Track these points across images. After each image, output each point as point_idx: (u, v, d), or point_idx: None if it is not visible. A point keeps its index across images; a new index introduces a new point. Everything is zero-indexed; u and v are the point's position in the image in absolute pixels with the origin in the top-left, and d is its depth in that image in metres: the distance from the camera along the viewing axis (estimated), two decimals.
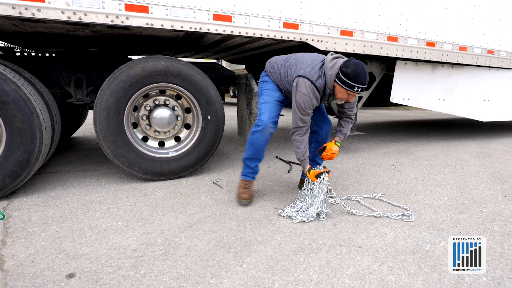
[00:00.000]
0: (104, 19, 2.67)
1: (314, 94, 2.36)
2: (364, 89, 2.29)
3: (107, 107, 2.87)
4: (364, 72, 2.24)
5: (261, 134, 2.54)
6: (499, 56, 5.11)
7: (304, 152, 2.52)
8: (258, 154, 2.64)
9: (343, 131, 2.70)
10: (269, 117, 2.54)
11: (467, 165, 4.05)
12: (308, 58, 2.47)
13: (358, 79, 2.22)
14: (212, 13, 3.01)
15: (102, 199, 2.68)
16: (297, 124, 2.46)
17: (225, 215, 2.41)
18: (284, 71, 2.55)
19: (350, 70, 2.22)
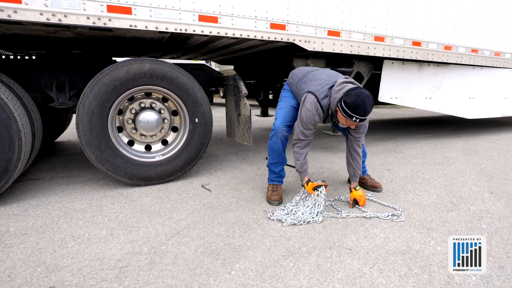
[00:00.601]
0: (86, 20, 2.60)
1: (318, 111, 2.43)
2: (363, 120, 2.31)
3: (90, 111, 2.79)
4: (364, 104, 2.24)
5: (276, 138, 2.69)
6: (483, 55, 5.17)
7: (302, 164, 2.61)
8: (279, 158, 2.76)
9: (356, 174, 2.75)
10: (282, 121, 2.69)
11: (454, 162, 4.08)
12: (324, 76, 2.54)
13: (356, 110, 2.24)
14: (197, 14, 2.96)
15: (86, 206, 2.60)
16: (299, 136, 2.55)
17: (214, 220, 2.36)
18: (300, 85, 2.64)
19: (350, 100, 2.25)
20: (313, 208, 2.46)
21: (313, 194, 2.53)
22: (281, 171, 2.82)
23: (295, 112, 2.76)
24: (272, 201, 2.68)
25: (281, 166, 2.81)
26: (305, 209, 2.46)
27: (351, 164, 2.74)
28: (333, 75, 2.57)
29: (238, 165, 3.84)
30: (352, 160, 2.72)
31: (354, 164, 2.72)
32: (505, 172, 3.68)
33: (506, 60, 5.59)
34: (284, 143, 2.74)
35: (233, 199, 2.78)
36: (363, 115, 2.27)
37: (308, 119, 2.45)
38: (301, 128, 2.51)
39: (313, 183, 2.57)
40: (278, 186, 2.82)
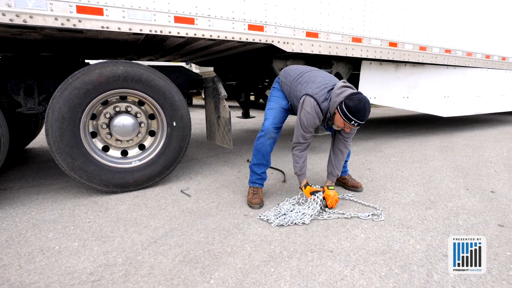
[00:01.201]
0: (53, 22, 2.48)
1: (318, 114, 2.43)
2: (360, 124, 2.34)
3: (60, 116, 2.67)
4: (365, 109, 2.29)
5: (265, 139, 2.67)
6: (456, 55, 5.30)
7: (302, 167, 2.61)
8: (264, 159, 2.74)
9: (334, 173, 2.74)
10: (271, 122, 2.67)
11: (431, 160, 4.15)
12: (321, 79, 2.54)
13: (357, 114, 2.28)
14: (173, 15, 2.88)
15: (57, 217, 2.48)
16: (298, 140, 2.55)
17: (193, 227, 2.29)
18: (295, 86, 2.61)
19: (352, 104, 2.28)
20: (307, 211, 2.46)
21: (310, 198, 2.54)
22: (263, 173, 2.79)
23: (284, 114, 2.75)
24: (253, 204, 2.64)
25: (264, 168, 2.78)
26: (299, 208, 2.50)
27: (332, 162, 2.73)
28: (330, 78, 2.59)
29: (219, 168, 3.78)
30: (334, 158, 2.72)
31: (334, 163, 2.72)
32: (479, 168, 3.76)
33: (477, 60, 5.75)
34: (272, 145, 2.72)
35: (213, 204, 2.71)
36: (361, 120, 2.31)
37: (308, 122, 2.45)
38: (301, 131, 2.51)
39: (311, 188, 2.59)
40: (259, 189, 2.77)
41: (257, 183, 2.78)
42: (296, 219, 2.36)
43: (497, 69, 6.31)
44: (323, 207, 2.56)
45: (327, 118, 2.51)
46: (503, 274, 1.74)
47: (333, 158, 2.73)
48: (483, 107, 6.51)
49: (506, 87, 6.80)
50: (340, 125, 2.42)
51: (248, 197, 2.72)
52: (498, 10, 5.93)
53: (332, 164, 2.73)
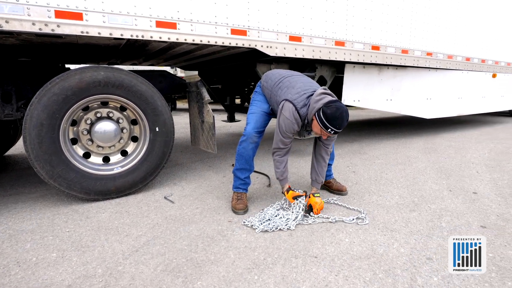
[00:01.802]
0: (31, 27, 2.42)
1: (296, 120, 2.43)
2: (337, 132, 2.36)
3: (39, 123, 2.60)
4: (342, 118, 2.29)
5: (247, 144, 2.66)
6: (437, 58, 5.40)
7: (283, 172, 2.61)
8: (247, 164, 2.72)
9: (318, 180, 2.73)
10: (253, 127, 2.66)
11: (415, 161, 4.20)
12: (301, 84, 2.53)
13: (334, 122, 2.28)
14: (155, 20, 2.85)
15: (36, 227, 2.41)
16: (278, 145, 2.55)
17: (176, 234, 2.26)
18: (276, 90, 2.60)
19: (329, 112, 2.28)
20: (291, 216, 2.46)
21: (293, 203, 2.53)
22: (247, 178, 2.77)
23: (266, 118, 2.74)
24: (238, 210, 2.61)
25: (247, 173, 2.76)
26: (283, 213, 2.51)
27: (315, 169, 2.73)
28: (310, 83, 2.58)
29: (203, 174, 3.74)
30: (317, 165, 2.71)
31: (318, 170, 2.71)
32: (461, 169, 3.82)
33: (458, 63, 5.87)
34: (254, 149, 2.70)
35: (197, 210, 2.68)
36: (338, 128, 2.31)
37: (287, 128, 2.44)
38: (280, 137, 2.50)
39: (293, 192, 2.57)
40: (243, 194, 2.75)
41: (241, 188, 2.76)
42: (280, 224, 2.35)
43: (477, 71, 6.46)
44: (306, 212, 2.55)
45: (306, 124, 2.51)
46: (485, 277, 1.76)
47: (316, 165, 2.73)
48: (465, 108, 6.65)
49: (486, 89, 6.97)
50: (318, 132, 2.43)
51: (232, 203, 2.70)
52: (477, 14, 6.07)
53: (316, 171, 2.72)
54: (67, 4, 2.51)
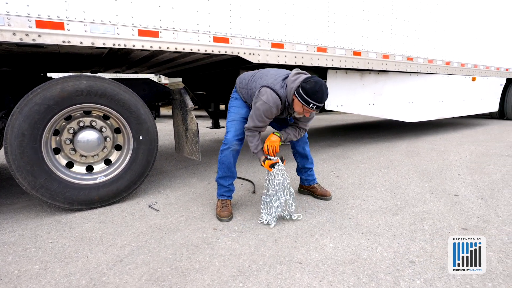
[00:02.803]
0: (11, 37, 2.40)
1: (276, 103, 2.43)
2: (319, 107, 2.34)
3: (20, 133, 2.56)
4: (322, 91, 2.29)
5: (228, 152, 2.68)
6: (417, 63, 5.53)
7: (257, 145, 2.62)
8: (229, 171, 2.74)
9: (287, 131, 2.72)
10: (234, 134, 2.68)
11: (398, 165, 4.28)
12: (273, 72, 2.60)
13: (314, 96, 2.29)
14: (137, 28, 2.86)
15: (18, 238, 2.37)
16: (250, 127, 2.58)
17: (160, 243, 2.25)
18: (251, 84, 2.66)
19: (308, 86, 2.29)
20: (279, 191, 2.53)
21: (271, 172, 2.54)
22: (231, 185, 2.79)
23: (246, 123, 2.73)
24: (222, 217, 2.62)
25: (231, 180, 2.78)
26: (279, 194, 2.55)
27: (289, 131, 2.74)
28: (282, 70, 2.63)
29: (188, 181, 3.74)
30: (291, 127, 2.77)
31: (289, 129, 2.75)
32: (443, 172, 3.92)
33: (438, 67, 6.02)
34: (235, 156, 2.72)
35: (181, 218, 2.68)
36: (320, 102, 2.31)
37: (264, 112, 2.45)
38: (255, 121, 2.52)
39: (269, 161, 2.57)
40: (228, 201, 2.76)
41: (225, 195, 2.77)
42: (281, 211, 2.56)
43: (457, 75, 6.63)
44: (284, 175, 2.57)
45: (286, 106, 2.53)
46: (466, 278, 1.81)
47: (290, 127, 2.77)
48: (446, 111, 6.81)
49: (466, 92, 7.16)
50: (300, 111, 2.44)
51: (217, 210, 2.70)
52: (456, 19, 6.25)
53: (289, 128, 2.75)
54: (48, 14, 2.50)
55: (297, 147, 3.01)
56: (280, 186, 2.54)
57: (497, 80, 8.03)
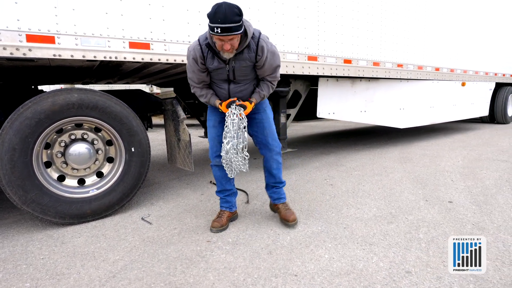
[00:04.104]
0: (2, 51, 2.40)
1: (193, 48, 2.32)
2: (225, 29, 2.04)
3: (11, 148, 2.54)
4: (223, 10, 2.02)
5: (214, 167, 2.71)
6: (408, 69, 5.60)
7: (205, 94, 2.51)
8: (222, 185, 2.73)
9: (260, 93, 2.52)
10: (212, 152, 2.66)
11: (391, 171, 4.30)
12: None
13: (214, 18, 2.03)
14: (128, 41, 2.86)
15: (8, 255, 2.33)
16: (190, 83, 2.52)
17: (154, 257, 2.23)
18: None
19: (209, 11, 2.07)
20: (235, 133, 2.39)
21: (227, 112, 2.40)
22: (229, 196, 2.76)
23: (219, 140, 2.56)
24: (211, 227, 2.61)
25: (226, 193, 2.76)
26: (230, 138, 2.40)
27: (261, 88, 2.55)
28: None
29: (181, 192, 3.71)
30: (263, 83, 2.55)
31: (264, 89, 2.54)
32: (436, 178, 3.94)
33: (428, 73, 6.11)
34: (223, 171, 2.61)
35: (175, 231, 2.65)
36: (222, 22, 2.02)
37: (188, 62, 2.39)
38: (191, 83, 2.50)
39: (225, 102, 2.44)
40: (224, 212, 2.72)
41: (224, 206, 2.76)
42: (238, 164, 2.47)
43: (447, 80, 6.72)
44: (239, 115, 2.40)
45: (214, 51, 2.30)
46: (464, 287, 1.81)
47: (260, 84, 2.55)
48: (437, 117, 6.89)
49: (457, 97, 7.25)
50: (219, 45, 2.16)
51: (212, 219, 2.71)
52: (445, 25, 6.35)
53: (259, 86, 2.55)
54: (38, 28, 2.50)
55: (265, 162, 2.73)
56: (234, 126, 2.37)
57: (487, 85, 8.16)
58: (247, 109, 2.44)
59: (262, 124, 2.64)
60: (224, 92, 2.50)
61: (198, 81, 2.46)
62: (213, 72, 2.42)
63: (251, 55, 2.33)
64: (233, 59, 2.33)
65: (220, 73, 2.41)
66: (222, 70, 2.39)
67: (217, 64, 2.35)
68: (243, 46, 2.25)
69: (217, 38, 2.11)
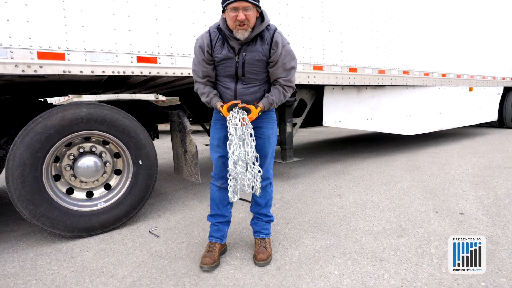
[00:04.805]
0: (14, 69, 2.44)
1: (205, 40, 2.12)
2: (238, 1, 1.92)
3: (21, 163, 2.57)
4: None
5: (213, 187, 2.39)
6: (414, 76, 5.58)
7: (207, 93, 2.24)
8: (218, 210, 2.39)
9: (269, 98, 2.22)
10: (214, 173, 2.37)
11: (400, 181, 4.27)
12: None
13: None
14: (135, 55, 2.89)
15: (18, 270, 2.35)
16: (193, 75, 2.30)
17: (162, 273, 2.23)
18: None
19: None
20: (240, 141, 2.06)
21: (228, 117, 2.10)
22: (222, 224, 2.42)
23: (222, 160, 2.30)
24: (202, 264, 2.23)
25: (220, 219, 2.41)
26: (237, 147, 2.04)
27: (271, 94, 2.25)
28: None
29: (188, 203, 3.72)
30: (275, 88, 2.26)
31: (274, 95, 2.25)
32: (446, 187, 3.90)
33: (434, 79, 6.07)
34: (224, 195, 2.32)
35: (183, 245, 2.65)
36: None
37: (195, 52, 2.19)
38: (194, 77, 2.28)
39: (227, 104, 2.15)
40: (216, 245, 2.36)
41: (214, 237, 2.40)
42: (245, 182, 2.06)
43: (454, 86, 6.67)
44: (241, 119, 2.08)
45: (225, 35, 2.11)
46: None
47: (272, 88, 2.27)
48: (444, 123, 6.83)
49: (464, 103, 7.19)
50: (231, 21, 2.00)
51: (202, 254, 2.36)
52: (451, 30, 6.32)
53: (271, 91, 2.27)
54: (49, 45, 2.54)
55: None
56: (237, 133, 2.05)
57: (495, 89, 8.08)
58: (251, 113, 2.13)
59: (260, 146, 2.30)
60: (230, 93, 2.22)
61: (202, 75, 2.22)
62: (220, 66, 2.17)
63: (265, 47, 2.10)
64: (244, 50, 2.10)
65: (228, 66, 2.16)
66: (230, 62, 2.14)
67: (226, 52, 2.11)
68: (257, 30, 2.06)
69: (232, 7, 1.95)
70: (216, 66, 2.21)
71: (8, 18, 2.38)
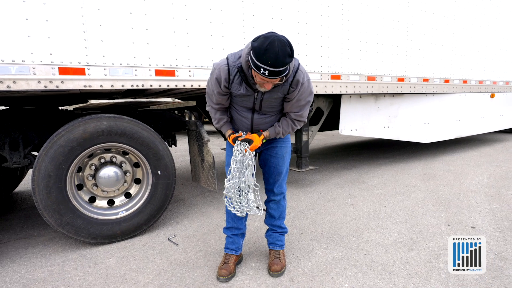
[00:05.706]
0: (36, 85, 2.55)
1: (219, 66, 2.04)
2: (274, 73, 1.78)
3: (46, 175, 2.71)
4: (275, 49, 1.73)
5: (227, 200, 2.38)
6: (434, 83, 5.51)
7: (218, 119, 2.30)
8: (233, 222, 2.45)
9: (277, 128, 2.26)
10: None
11: (414, 190, 4.26)
12: None
13: (263, 57, 1.74)
14: (154, 69, 2.98)
15: (47, 275, 2.49)
16: (208, 103, 2.30)
17: (182, 281, 2.33)
18: None
19: (256, 44, 1.77)
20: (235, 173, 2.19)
21: (234, 146, 2.23)
22: (237, 236, 2.49)
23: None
24: (219, 276, 2.32)
25: (235, 232, 2.48)
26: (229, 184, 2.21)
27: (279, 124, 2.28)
28: None
29: (205, 210, 3.81)
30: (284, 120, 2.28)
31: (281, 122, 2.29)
32: (460, 199, 3.87)
33: (455, 86, 5.98)
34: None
35: (200, 253, 2.75)
36: (272, 65, 1.74)
37: (209, 87, 2.17)
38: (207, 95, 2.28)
39: (234, 135, 2.24)
40: (232, 257, 2.44)
41: (230, 248, 2.47)
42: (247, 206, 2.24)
43: (475, 92, 6.55)
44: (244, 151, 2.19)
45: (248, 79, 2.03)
46: None
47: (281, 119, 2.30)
48: (463, 130, 6.72)
49: (485, 109, 7.05)
50: (260, 82, 1.91)
51: (218, 266, 2.43)
52: (473, 35, 6.20)
53: (279, 121, 2.30)
54: (70, 61, 2.65)
55: (265, 200, 2.54)
56: (236, 164, 2.18)
57: None
58: (254, 142, 2.17)
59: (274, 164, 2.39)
60: (246, 122, 2.24)
61: (216, 102, 2.21)
62: (237, 98, 2.15)
63: (285, 87, 2.07)
64: None
65: (245, 101, 2.14)
66: (248, 98, 2.12)
67: (244, 92, 2.07)
68: (282, 81, 2.00)
69: (261, 78, 1.87)
70: (233, 97, 2.19)
71: (30, 35, 2.47)
